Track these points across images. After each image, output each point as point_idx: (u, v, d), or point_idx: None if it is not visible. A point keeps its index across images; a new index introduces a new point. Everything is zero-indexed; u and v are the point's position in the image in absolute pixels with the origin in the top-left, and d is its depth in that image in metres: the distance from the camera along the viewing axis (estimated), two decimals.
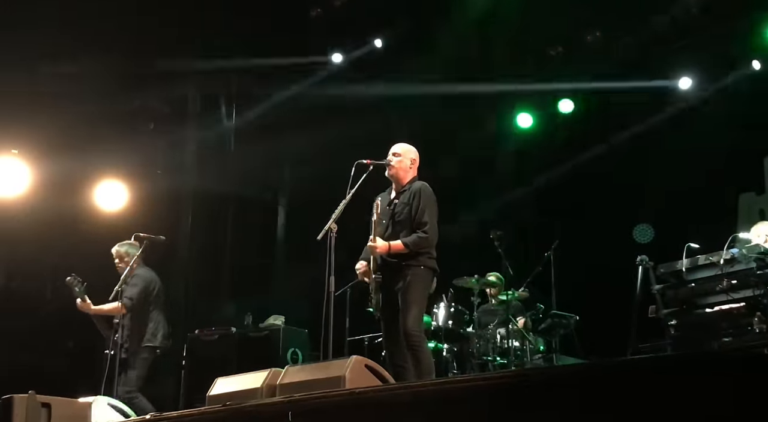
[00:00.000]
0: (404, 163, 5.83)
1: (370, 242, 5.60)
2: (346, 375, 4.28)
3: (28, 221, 8.55)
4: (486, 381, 3.48)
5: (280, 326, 8.80)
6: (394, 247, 5.56)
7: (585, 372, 3.32)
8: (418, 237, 5.60)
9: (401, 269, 5.59)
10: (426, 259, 5.65)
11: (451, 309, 7.99)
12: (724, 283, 5.46)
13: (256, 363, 6.92)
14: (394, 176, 5.84)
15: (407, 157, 5.86)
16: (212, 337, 8.89)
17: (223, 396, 4.70)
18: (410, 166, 5.86)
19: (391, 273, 5.59)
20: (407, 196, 5.75)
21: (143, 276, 7.44)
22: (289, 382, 4.56)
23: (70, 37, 8.68)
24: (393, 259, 5.60)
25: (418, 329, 5.50)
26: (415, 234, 5.62)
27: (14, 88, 8.54)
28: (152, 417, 4.66)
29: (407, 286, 5.54)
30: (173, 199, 10.09)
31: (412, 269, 5.58)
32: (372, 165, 5.81)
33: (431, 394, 3.55)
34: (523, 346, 7.84)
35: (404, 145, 5.93)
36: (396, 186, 5.88)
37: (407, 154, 5.88)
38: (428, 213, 5.65)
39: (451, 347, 7.88)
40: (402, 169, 5.82)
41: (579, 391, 3.10)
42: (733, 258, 5.45)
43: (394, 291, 5.59)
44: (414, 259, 5.61)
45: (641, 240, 9.29)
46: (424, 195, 5.70)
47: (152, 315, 7.41)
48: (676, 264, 5.79)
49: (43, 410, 4.90)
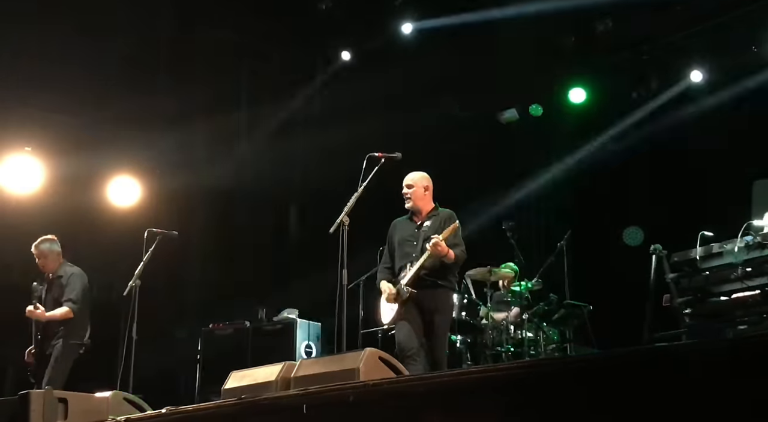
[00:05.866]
0: (419, 193, 6.02)
1: (434, 239, 5.65)
2: (360, 368, 4.27)
3: (42, 218, 8.58)
4: (500, 371, 3.48)
5: (294, 319, 8.83)
6: (449, 254, 5.72)
7: (599, 362, 3.31)
8: (461, 251, 5.84)
9: (436, 287, 5.80)
10: (454, 280, 5.98)
11: (464, 301, 7.99)
12: (739, 271, 5.42)
13: (271, 356, 6.96)
14: (414, 208, 6.03)
15: (420, 186, 6.04)
16: (226, 331, 8.93)
17: (238, 390, 4.71)
18: (425, 193, 6.05)
19: (425, 290, 5.75)
20: (437, 221, 5.94)
21: (78, 275, 7.40)
22: (303, 375, 4.57)
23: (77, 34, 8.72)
24: (430, 278, 5.77)
25: (444, 358, 5.83)
26: (459, 249, 5.83)
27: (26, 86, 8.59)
28: (168, 411, 4.68)
29: (443, 311, 5.84)
30: (186, 194, 10.11)
31: (445, 290, 5.87)
32: (384, 158, 5.87)
33: (445, 385, 3.55)
34: (537, 337, 7.83)
35: (414, 175, 6.09)
36: (419, 214, 6.04)
37: (419, 183, 6.05)
38: (459, 236, 5.88)
39: (465, 338, 7.89)
40: (419, 198, 6.02)
41: (593, 381, 3.09)
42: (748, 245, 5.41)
43: (425, 308, 5.76)
44: (446, 280, 5.87)
45: (631, 243, 9.29)
46: (454, 221, 5.89)
47: (85, 313, 7.39)
48: (690, 253, 5.75)
49: (60, 405, 4.93)
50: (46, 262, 7.37)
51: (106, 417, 4.96)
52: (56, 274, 7.39)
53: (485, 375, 3.51)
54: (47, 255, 7.37)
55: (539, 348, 7.78)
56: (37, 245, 7.40)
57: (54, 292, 7.33)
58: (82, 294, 7.34)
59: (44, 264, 7.38)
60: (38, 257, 7.39)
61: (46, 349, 7.22)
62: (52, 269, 7.39)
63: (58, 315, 7.19)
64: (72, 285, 7.30)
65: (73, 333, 7.26)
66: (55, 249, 7.39)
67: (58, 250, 7.41)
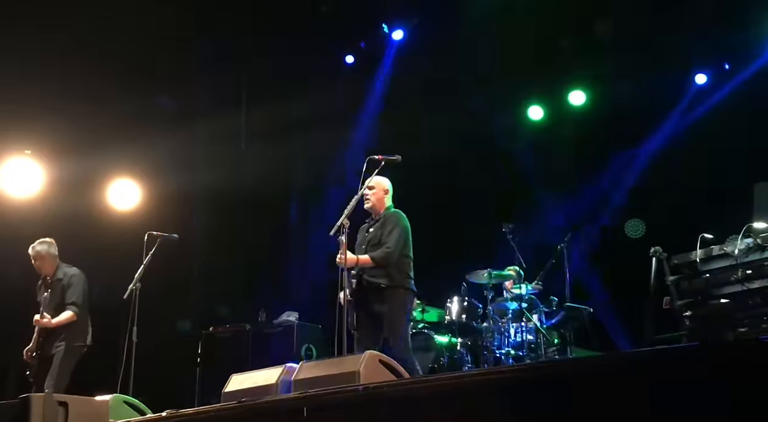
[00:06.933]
0: (379, 195, 6.18)
1: (339, 257, 5.82)
2: (361, 371, 4.28)
3: (42, 221, 8.58)
4: (500, 374, 3.48)
5: (294, 322, 8.82)
6: (361, 260, 5.84)
7: (600, 364, 3.31)
8: (383, 251, 5.93)
9: (381, 290, 5.88)
10: (405, 280, 5.99)
11: (465, 303, 7.99)
12: (739, 273, 5.42)
13: (271, 359, 6.95)
14: (372, 208, 6.18)
15: (380, 189, 6.21)
16: (226, 334, 8.92)
17: (238, 393, 4.71)
18: (384, 196, 6.20)
19: (371, 294, 5.84)
20: (381, 222, 6.11)
21: (78, 275, 7.43)
22: (303, 378, 4.57)
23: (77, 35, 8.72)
24: (373, 280, 5.85)
25: (407, 353, 5.79)
26: (380, 250, 5.93)
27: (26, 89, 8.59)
28: (168, 414, 4.68)
29: (390, 312, 5.85)
30: (186, 197, 10.11)
31: (392, 290, 5.91)
32: (384, 160, 5.92)
33: (446, 388, 3.55)
34: (538, 339, 7.83)
35: (377, 178, 6.18)
36: (374, 216, 6.19)
37: (380, 186, 6.21)
38: (395, 233, 5.99)
39: (465, 340, 7.89)
40: (378, 200, 6.17)
41: (593, 384, 3.09)
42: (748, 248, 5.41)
43: (374, 312, 5.85)
44: (393, 280, 5.92)
45: (633, 235, 9.31)
46: (394, 220, 6.07)
47: (86, 315, 7.42)
48: (690, 255, 5.75)
49: (60, 409, 4.92)
50: (42, 264, 7.39)
51: (107, 421, 4.96)
52: (55, 277, 7.40)
53: (486, 378, 3.51)
54: (44, 257, 7.39)
55: (539, 350, 7.78)
56: (33, 247, 7.42)
57: (56, 295, 7.33)
58: (83, 295, 7.35)
59: (40, 266, 7.40)
60: (34, 259, 7.42)
61: (48, 351, 7.22)
62: (48, 271, 7.41)
63: (64, 320, 7.23)
64: (74, 286, 7.32)
65: (76, 335, 7.28)
66: (51, 252, 7.41)
67: (54, 253, 7.42)
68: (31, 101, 8.62)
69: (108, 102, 9.08)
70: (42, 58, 8.67)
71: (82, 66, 8.85)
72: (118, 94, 9.13)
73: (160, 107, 9.89)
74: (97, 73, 8.94)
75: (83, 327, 7.34)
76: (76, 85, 8.87)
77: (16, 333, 7.70)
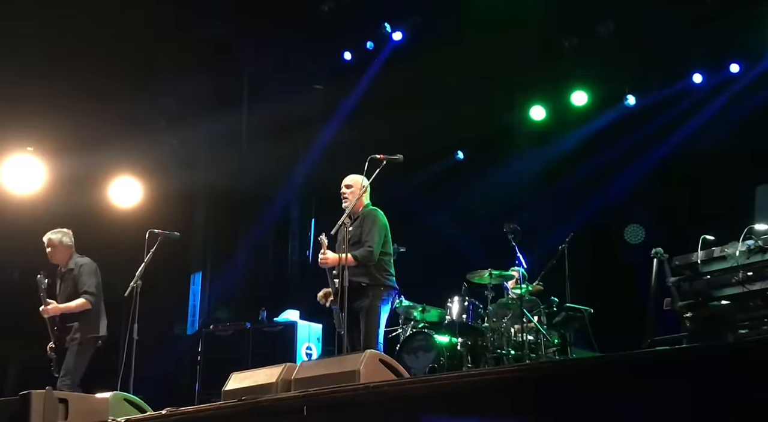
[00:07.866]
0: (356, 193, 6.16)
1: (321, 256, 5.90)
2: (361, 370, 4.28)
3: (43, 218, 8.59)
4: (500, 374, 3.48)
5: (295, 321, 8.83)
6: (344, 260, 5.82)
7: (600, 364, 3.31)
8: (366, 250, 5.96)
9: (362, 289, 5.91)
10: (385, 278, 6.04)
11: (465, 303, 7.99)
12: (740, 275, 5.42)
13: (271, 357, 6.95)
14: (349, 207, 6.13)
15: (357, 187, 6.17)
16: (227, 332, 8.93)
17: (239, 391, 4.71)
18: (361, 194, 6.17)
19: (352, 293, 5.81)
20: (359, 221, 6.11)
21: (88, 264, 7.35)
22: (303, 377, 4.56)
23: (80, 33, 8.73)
24: (354, 279, 5.84)
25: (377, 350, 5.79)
26: (362, 249, 5.96)
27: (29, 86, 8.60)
28: (169, 412, 4.68)
29: (368, 308, 5.92)
30: (187, 195, 10.11)
31: (373, 289, 5.96)
32: (385, 160, 5.90)
33: (446, 388, 3.55)
34: (538, 340, 7.82)
35: (354, 176, 6.22)
36: (352, 214, 6.15)
37: (357, 184, 6.19)
38: (374, 232, 6.01)
39: (465, 341, 7.88)
40: (356, 198, 6.15)
41: (593, 384, 3.09)
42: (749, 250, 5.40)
43: (355, 310, 5.89)
44: (374, 278, 5.97)
45: (633, 241, 9.31)
46: (373, 218, 6.10)
47: (100, 305, 7.34)
48: (691, 257, 5.75)
49: (61, 406, 4.93)
50: (54, 253, 7.34)
51: (107, 418, 4.97)
52: (67, 267, 7.36)
53: (486, 378, 3.51)
54: (56, 246, 7.33)
55: (540, 351, 7.77)
56: (48, 235, 7.39)
57: (68, 285, 7.29)
58: (97, 284, 7.33)
59: (52, 254, 7.35)
60: (48, 246, 7.38)
61: (64, 343, 7.19)
62: (61, 261, 7.36)
63: (73, 307, 7.14)
64: (84, 275, 7.25)
65: (90, 326, 7.20)
66: (64, 242, 7.35)
67: (67, 243, 7.36)
68: (33, 98, 8.63)
69: (110, 99, 9.09)
70: (44, 56, 8.68)
71: (84, 64, 8.87)
72: (120, 91, 9.14)
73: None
74: (100, 70, 8.95)
75: (97, 318, 7.28)
76: (78, 82, 8.88)
77: (16, 330, 7.70)
